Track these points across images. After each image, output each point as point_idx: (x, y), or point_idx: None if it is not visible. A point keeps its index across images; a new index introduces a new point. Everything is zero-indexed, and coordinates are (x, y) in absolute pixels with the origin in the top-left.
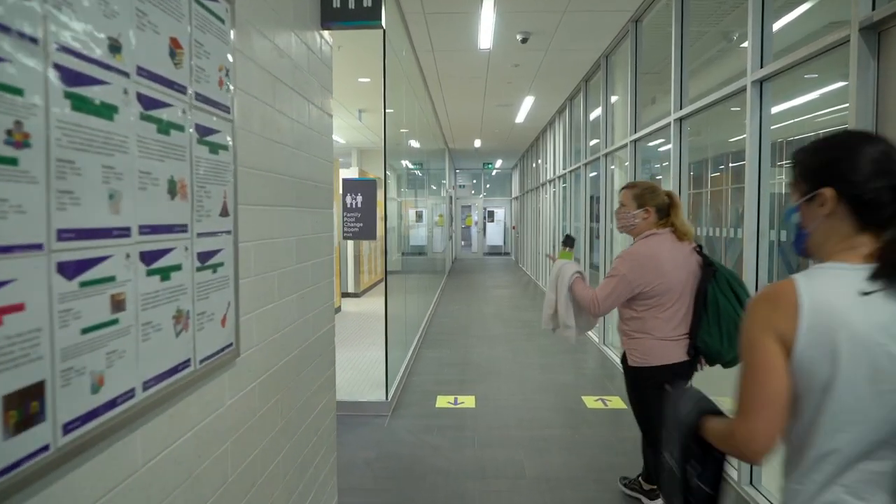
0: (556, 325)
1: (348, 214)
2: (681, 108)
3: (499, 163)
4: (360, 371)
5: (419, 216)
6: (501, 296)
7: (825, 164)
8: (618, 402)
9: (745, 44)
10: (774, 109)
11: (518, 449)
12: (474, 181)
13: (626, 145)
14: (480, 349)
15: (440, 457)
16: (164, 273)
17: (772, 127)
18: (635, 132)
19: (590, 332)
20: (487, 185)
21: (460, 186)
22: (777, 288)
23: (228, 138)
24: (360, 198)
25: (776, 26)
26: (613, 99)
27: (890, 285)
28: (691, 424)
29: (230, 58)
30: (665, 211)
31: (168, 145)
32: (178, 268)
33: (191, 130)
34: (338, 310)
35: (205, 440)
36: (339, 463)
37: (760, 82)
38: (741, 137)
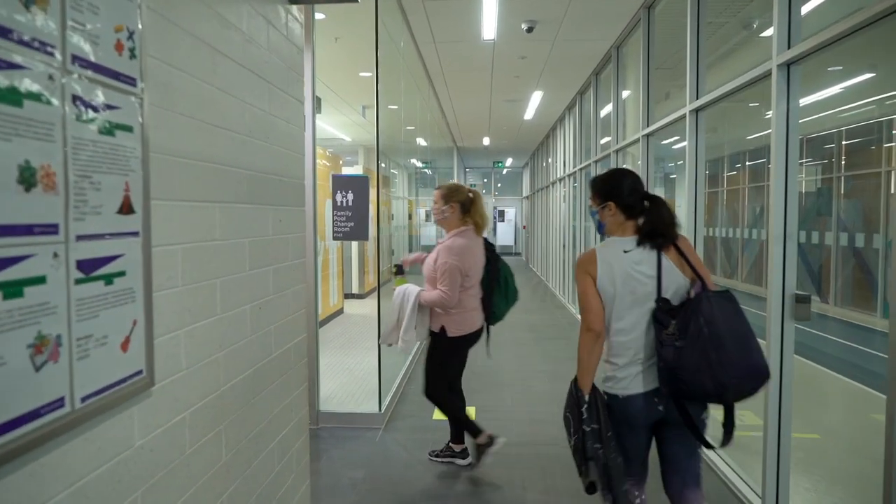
0: (394, 341)
1: (338, 213)
2: (697, 98)
3: (509, 161)
4: (356, 378)
5: (428, 215)
6: None
7: (609, 188)
8: None
9: (769, 31)
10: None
11: (519, 469)
12: (485, 180)
13: (637, 140)
14: (484, 354)
15: (433, 478)
16: (11, 289)
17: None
18: (647, 126)
19: None
20: (498, 185)
21: (471, 185)
22: (589, 253)
23: (135, 117)
24: (350, 196)
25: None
26: (625, 94)
27: (645, 244)
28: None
29: (138, 18)
30: (467, 207)
31: (17, 120)
32: (37, 280)
33: (64, 103)
34: (340, 311)
35: (98, 494)
36: (321, 484)
37: (788, 66)
38: (759, 135)
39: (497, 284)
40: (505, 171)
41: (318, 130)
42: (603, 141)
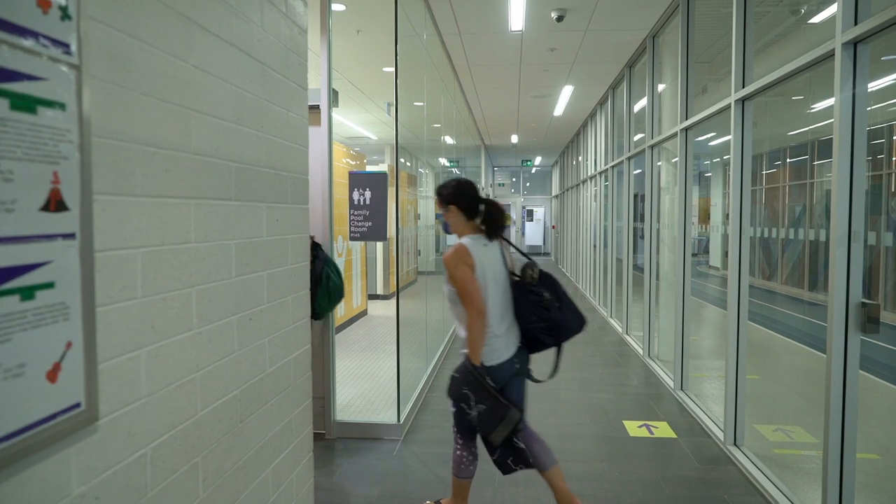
0: None
1: (355, 213)
2: (743, 87)
3: (538, 160)
4: (377, 384)
5: None
6: None
7: (452, 195)
8: (666, 430)
9: (820, 16)
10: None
11: (545, 489)
12: (513, 179)
13: (675, 135)
14: None
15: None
16: None
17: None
18: (686, 118)
19: (633, 343)
20: (527, 184)
21: (499, 185)
22: (461, 248)
23: (67, 92)
24: (368, 193)
25: None
26: (660, 88)
27: (492, 238)
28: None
29: None
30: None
31: None
32: None
33: None
34: (364, 313)
35: None
36: (332, 502)
37: (854, 44)
38: (802, 130)
39: (320, 282)
40: (534, 170)
41: (344, 129)
42: (637, 138)
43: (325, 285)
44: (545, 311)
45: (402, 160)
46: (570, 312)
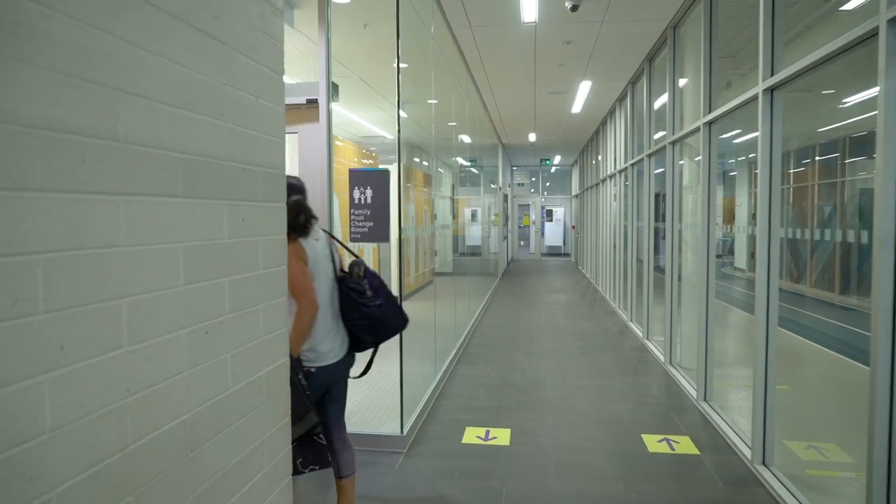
0: None
1: (356, 212)
2: (772, 75)
3: (557, 158)
4: (381, 393)
5: (474, 215)
6: (556, 302)
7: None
8: (688, 445)
9: (852, 3)
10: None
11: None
12: (532, 179)
13: (697, 129)
14: (525, 367)
15: None
16: None
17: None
18: (710, 112)
19: (654, 349)
20: (547, 184)
21: (518, 185)
22: (296, 244)
23: None
24: (369, 192)
25: None
26: (682, 82)
27: (323, 234)
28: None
29: None
30: None
31: None
32: None
33: None
34: None
35: None
36: None
37: None
38: (834, 126)
39: None
40: (553, 170)
41: (358, 128)
42: (657, 135)
43: None
44: (365, 307)
45: (417, 159)
46: (391, 310)
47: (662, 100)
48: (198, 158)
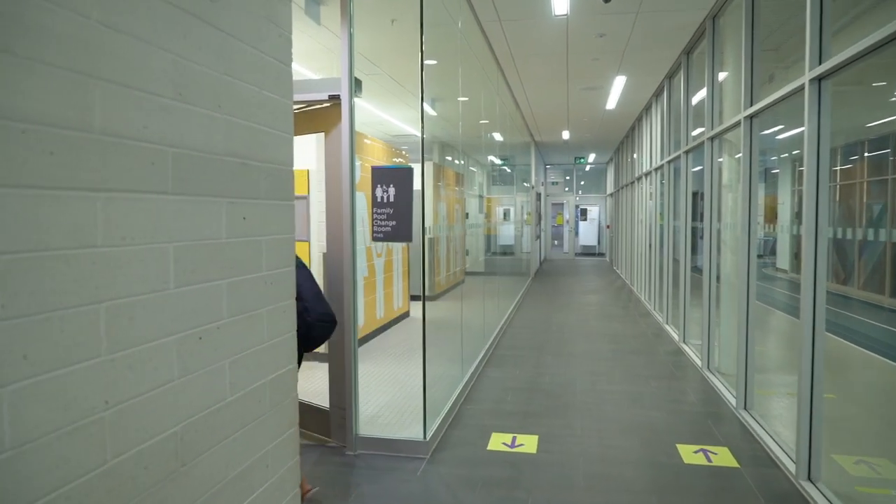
0: None
1: (378, 211)
2: (819, 63)
3: (592, 157)
4: (409, 393)
5: (506, 214)
6: (589, 303)
7: None
8: (726, 457)
9: None
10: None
11: None
12: (566, 177)
13: (738, 124)
14: (555, 370)
15: None
16: None
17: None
18: (751, 105)
19: (691, 353)
20: (581, 182)
21: (552, 183)
22: None
23: None
24: (392, 190)
25: None
26: (721, 76)
27: None
28: None
29: None
30: None
31: None
32: None
33: None
34: (406, 315)
35: None
36: None
37: None
38: (885, 121)
39: None
40: (588, 168)
41: (389, 126)
42: (695, 132)
43: None
44: (304, 310)
45: (449, 158)
46: (322, 310)
47: (700, 94)
48: (191, 153)
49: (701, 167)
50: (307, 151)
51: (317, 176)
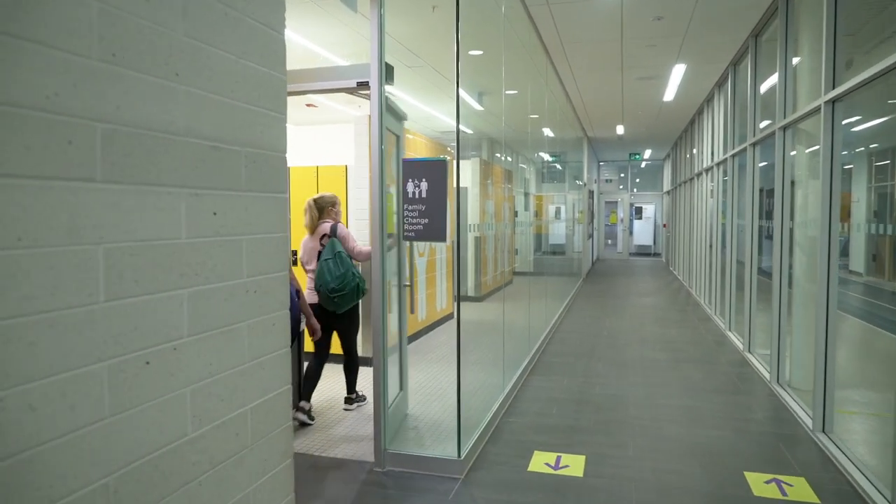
0: None
1: (409, 208)
2: None
3: (647, 153)
4: (445, 403)
5: (557, 212)
6: (644, 306)
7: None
8: (803, 490)
9: None
10: None
11: None
12: (621, 175)
13: (817, 110)
14: (606, 380)
15: None
16: None
17: None
18: (833, 88)
19: (757, 364)
20: (636, 180)
21: (605, 181)
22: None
23: None
24: (424, 185)
25: None
26: (795, 61)
27: None
28: None
29: None
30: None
31: None
32: None
33: None
34: (450, 316)
35: None
36: None
37: None
38: None
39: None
40: (643, 164)
41: (436, 122)
42: (763, 125)
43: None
44: None
45: (498, 154)
46: None
47: (770, 82)
48: (132, 131)
49: (766, 162)
50: (345, 146)
51: (355, 172)
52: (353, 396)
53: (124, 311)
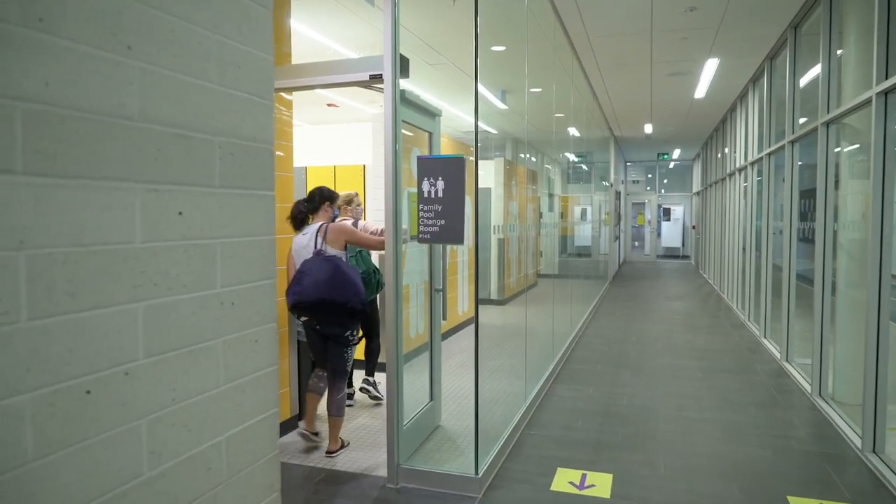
0: None
1: (425, 208)
2: None
3: (676, 153)
4: (463, 413)
5: (583, 214)
6: (673, 310)
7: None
8: None
9: None
10: None
11: None
12: (648, 175)
13: (868, 102)
14: (633, 390)
15: None
16: None
17: None
18: (886, 78)
19: (797, 374)
20: (664, 180)
21: (632, 181)
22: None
23: None
24: (440, 184)
25: None
26: (839, 52)
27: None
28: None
29: None
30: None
31: None
32: None
33: None
34: (472, 320)
35: None
36: None
37: None
38: None
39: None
40: (672, 165)
41: (460, 122)
42: (804, 121)
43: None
44: None
45: (523, 155)
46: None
47: (811, 75)
48: (65, 112)
49: (802, 163)
50: (363, 145)
51: (373, 171)
52: (371, 380)
53: (54, 332)
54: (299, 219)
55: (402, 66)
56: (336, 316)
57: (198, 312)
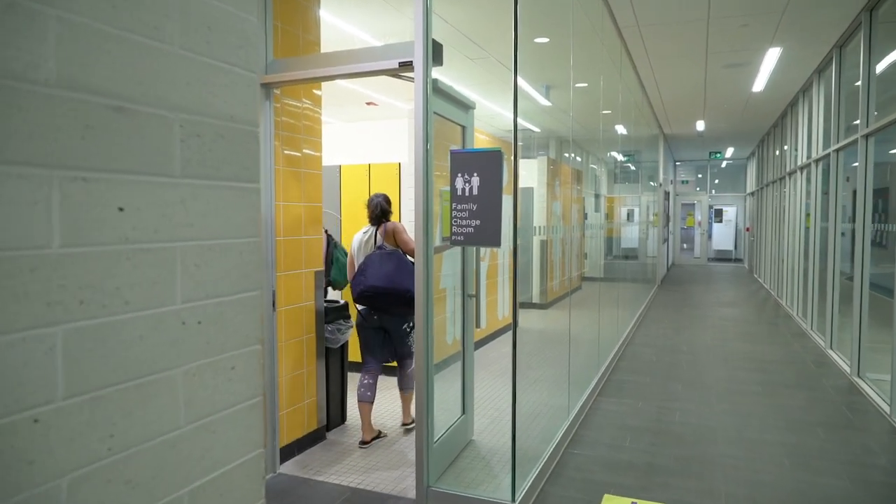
0: None
1: (458, 207)
2: None
3: (729, 151)
4: (500, 427)
5: (630, 215)
6: (726, 317)
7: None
8: None
9: None
10: None
11: None
12: (699, 175)
13: None
14: (686, 405)
15: None
16: None
17: None
18: None
19: (871, 392)
20: (716, 181)
21: (682, 182)
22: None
23: None
24: (475, 181)
25: None
26: None
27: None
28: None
29: None
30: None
31: None
32: None
33: None
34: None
35: None
36: None
37: None
38: None
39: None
40: (724, 164)
41: (501, 120)
42: (878, 114)
43: (336, 264)
44: None
45: (567, 154)
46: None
47: (885, 63)
48: None
49: (880, 161)
50: (398, 142)
51: (408, 170)
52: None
53: None
54: (376, 214)
55: (435, 53)
56: (398, 305)
57: (147, 336)
